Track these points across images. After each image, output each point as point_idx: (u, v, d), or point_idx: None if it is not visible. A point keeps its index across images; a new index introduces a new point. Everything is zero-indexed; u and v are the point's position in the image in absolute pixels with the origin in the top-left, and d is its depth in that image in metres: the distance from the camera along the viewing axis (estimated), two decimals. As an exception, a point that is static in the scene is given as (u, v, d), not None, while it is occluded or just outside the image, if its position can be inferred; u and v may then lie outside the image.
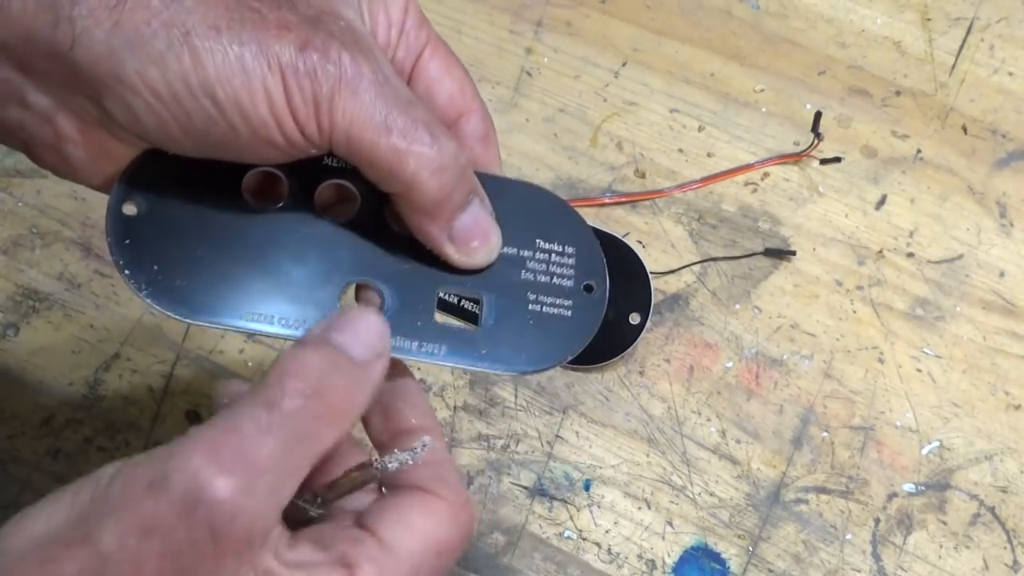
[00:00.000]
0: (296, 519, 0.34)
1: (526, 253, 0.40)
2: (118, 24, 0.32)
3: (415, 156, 0.35)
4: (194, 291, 0.38)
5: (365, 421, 0.39)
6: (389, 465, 0.34)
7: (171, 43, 0.32)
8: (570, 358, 0.40)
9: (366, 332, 0.34)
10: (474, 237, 0.38)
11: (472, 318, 0.41)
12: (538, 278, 0.40)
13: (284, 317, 0.38)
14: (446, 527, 0.35)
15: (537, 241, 0.41)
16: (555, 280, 0.40)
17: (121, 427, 0.58)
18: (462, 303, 0.54)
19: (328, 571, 0.32)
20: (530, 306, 0.40)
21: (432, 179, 0.35)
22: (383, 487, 0.37)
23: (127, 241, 0.37)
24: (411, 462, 0.34)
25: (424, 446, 0.34)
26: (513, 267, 0.40)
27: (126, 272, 0.37)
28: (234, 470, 0.29)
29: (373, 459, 0.34)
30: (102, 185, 0.38)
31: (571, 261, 0.41)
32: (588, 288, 0.41)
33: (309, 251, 0.39)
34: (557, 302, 0.40)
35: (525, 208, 0.41)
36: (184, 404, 0.58)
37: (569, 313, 0.40)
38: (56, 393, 0.58)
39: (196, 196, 0.38)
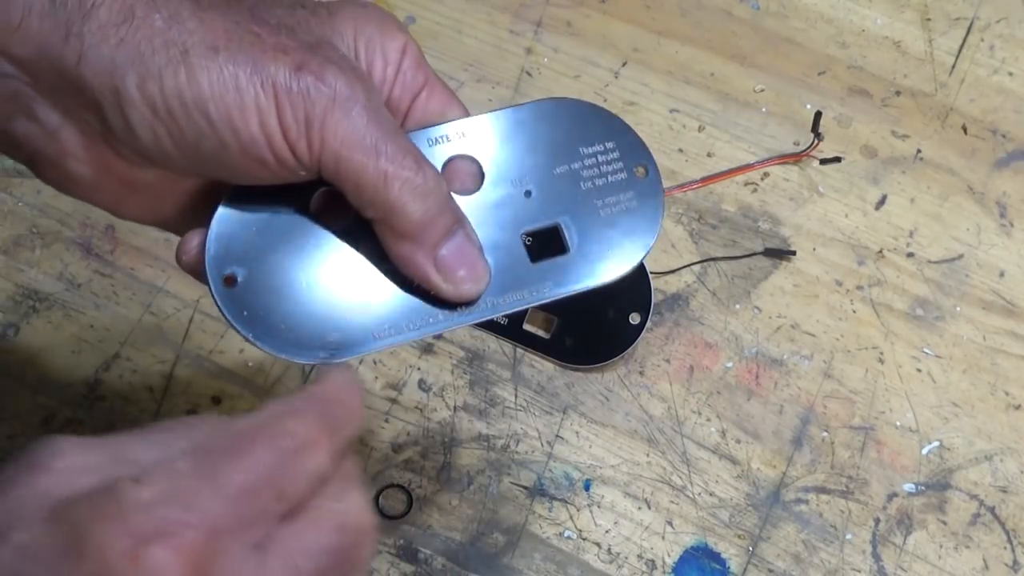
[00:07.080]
0: None
1: (576, 165, 0.41)
2: (123, 41, 0.34)
3: (400, 180, 0.35)
4: (303, 332, 0.38)
5: None
6: None
7: (170, 60, 0.34)
8: (653, 241, 0.41)
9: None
10: (460, 266, 0.38)
11: (559, 247, 0.42)
12: (596, 183, 0.41)
13: (393, 324, 0.39)
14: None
15: (580, 149, 0.41)
16: (610, 178, 0.41)
17: (121, 427, 0.58)
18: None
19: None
20: (601, 212, 0.41)
21: (415, 203, 0.36)
22: None
23: (245, 312, 0.38)
24: None
25: None
26: (572, 183, 0.41)
27: (236, 326, 0.38)
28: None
29: None
30: (101, 202, 0.39)
31: (616, 155, 0.42)
32: (640, 172, 0.42)
33: (384, 260, 0.39)
34: (621, 197, 0.41)
35: (555, 122, 0.42)
36: (184, 404, 0.58)
37: (636, 203, 0.41)
38: (56, 393, 0.58)
39: (279, 238, 0.39)
